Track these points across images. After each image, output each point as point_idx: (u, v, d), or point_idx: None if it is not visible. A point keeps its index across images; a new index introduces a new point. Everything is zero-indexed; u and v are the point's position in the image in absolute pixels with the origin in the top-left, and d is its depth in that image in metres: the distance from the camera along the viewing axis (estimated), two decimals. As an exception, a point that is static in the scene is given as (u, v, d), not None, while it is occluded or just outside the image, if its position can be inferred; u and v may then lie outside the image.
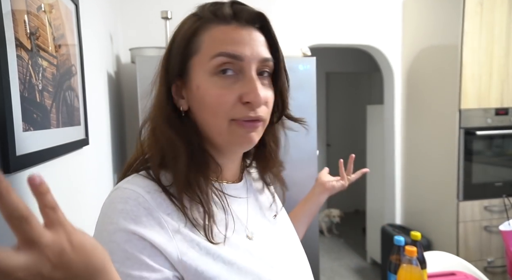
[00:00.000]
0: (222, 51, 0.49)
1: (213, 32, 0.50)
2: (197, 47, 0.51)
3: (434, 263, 1.18)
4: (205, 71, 0.50)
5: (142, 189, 0.48)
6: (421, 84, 2.40)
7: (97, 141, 1.26)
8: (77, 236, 0.31)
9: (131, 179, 0.51)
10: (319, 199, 0.98)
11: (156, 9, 1.92)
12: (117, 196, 0.48)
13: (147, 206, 0.47)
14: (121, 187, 0.49)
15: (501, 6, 1.99)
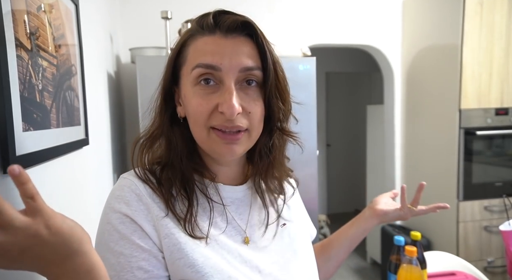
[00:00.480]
0: (199, 62, 0.51)
1: (197, 44, 0.53)
2: (184, 59, 0.54)
3: (434, 263, 1.18)
4: (189, 81, 0.53)
5: (136, 179, 0.55)
6: (421, 84, 2.40)
7: (97, 141, 1.26)
8: (55, 220, 0.35)
9: (131, 171, 0.57)
10: (367, 224, 0.83)
11: (156, 9, 1.92)
12: (117, 185, 0.55)
13: (138, 192, 0.53)
14: (122, 177, 0.56)
15: (501, 6, 1.99)
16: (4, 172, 0.56)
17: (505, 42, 2.01)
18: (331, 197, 4.38)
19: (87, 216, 1.06)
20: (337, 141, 4.44)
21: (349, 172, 4.35)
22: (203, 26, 0.53)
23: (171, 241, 0.50)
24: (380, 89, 2.99)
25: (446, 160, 2.13)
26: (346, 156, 4.40)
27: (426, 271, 1.00)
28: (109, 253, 0.49)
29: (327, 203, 4.34)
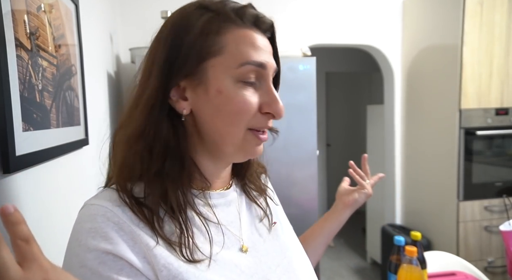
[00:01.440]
0: (252, 59, 0.46)
1: (239, 36, 0.46)
2: (220, 48, 0.46)
3: (434, 263, 1.18)
4: (231, 77, 0.46)
5: (110, 203, 0.44)
6: (421, 84, 2.40)
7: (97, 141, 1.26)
8: (54, 275, 0.29)
9: (99, 194, 0.47)
10: (341, 217, 0.82)
11: (156, 9, 1.92)
12: (84, 214, 0.44)
13: (117, 220, 0.42)
14: (87, 204, 0.45)
15: (501, 6, 1.99)
16: (4, 172, 0.56)
17: (505, 42, 2.01)
18: (331, 197, 4.38)
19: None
20: (337, 141, 4.44)
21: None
22: (243, 17, 0.47)
23: (170, 273, 0.42)
24: (380, 89, 2.99)
25: (446, 160, 2.13)
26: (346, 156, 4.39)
27: (426, 271, 1.00)
28: None
29: (327, 203, 4.34)
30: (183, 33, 0.46)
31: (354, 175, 0.85)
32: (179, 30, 0.46)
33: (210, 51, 0.46)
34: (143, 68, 0.49)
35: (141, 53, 1.80)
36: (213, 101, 0.46)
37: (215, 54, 0.46)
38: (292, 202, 1.76)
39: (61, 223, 0.84)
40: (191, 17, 0.47)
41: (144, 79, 0.48)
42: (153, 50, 0.48)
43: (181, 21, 0.47)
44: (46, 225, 0.75)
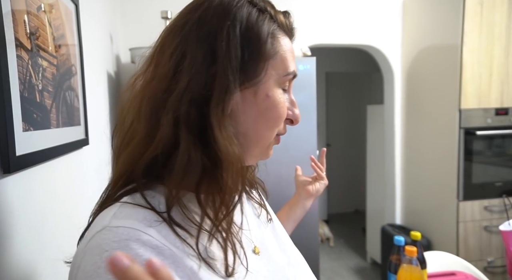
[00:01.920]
0: (292, 69, 0.47)
1: (285, 43, 0.46)
2: (274, 52, 0.44)
3: (434, 263, 1.18)
4: (277, 83, 0.45)
5: (141, 224, 0.37)
6: (421, 84, 2.40)
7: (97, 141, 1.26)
8: None
9: (119, 211, 0.39)
10: (306, 205, 0.89)
11: (156, 9, 1.92)
12: (109, 240, 0.35)
13: (155, 244, 0.36)
14: (109, 227, 0.36)
15: (501, 6, 1.99)
16: (4, 172, 0.56)
17: (505, 42, 2.01)
18: (331, 197, 4.38)
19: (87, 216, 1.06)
20: (337, 141, 4.44)
21: (349, 172, 4.34)
22: (285, 26, 0.47)
23: None
24: (380, 89, 2.99)
25: (446, 160, 2.13)
26: (346, 156, 4.39)
27: (426, 271, 1.00)
28: None
29: (327, 203, 4.34)
30: (251, 29, 0.42)
31: (315, 168, 0.94)
32: (247, 25, 0.42)
33: (266, 53, 0.44)
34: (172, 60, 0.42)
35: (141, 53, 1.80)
36: (260, 105, 0.44)
37: (270, 57, 0.44)
38: (292, 202, 1.76)
39: (61, 223, 0.84)
40: (255, 18, 0.43)
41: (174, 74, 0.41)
42: (204, 45, 0.41)
43: (249, 19, 0.43)
44: (46, 225, 0.75)
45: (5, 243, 0.58)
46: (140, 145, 0.41)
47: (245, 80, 0.42)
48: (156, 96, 0.41)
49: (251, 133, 0.45)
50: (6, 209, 0.58)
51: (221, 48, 0.40)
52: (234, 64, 0.41)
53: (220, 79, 0.40)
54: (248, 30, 0.42)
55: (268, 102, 0.44)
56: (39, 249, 0.71)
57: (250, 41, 0.42)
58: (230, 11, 0.42)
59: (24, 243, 0.65)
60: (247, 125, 0.44)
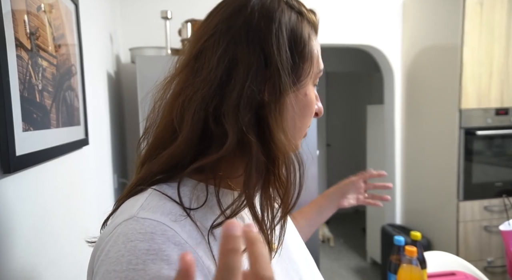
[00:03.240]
0: (322, 67, 0.49)
1: (316, 43, 0.48)
2: (310, 54, 0.46)
3: (434, 263, 1.18)
4: (313, 80, 0.48)
5: (166, 218, 0.37)
6: (421, 84, 2.40)
7: (97, 141, 1.26)
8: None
9: (146, 202, 0.39)
10: (329, 213, 0.85)
11: (156, 9, 1.92)
12: (135, 231, 0.35)
13: (178, 240, 0.36)
14: (137, 217, 0.37)
15: (501, 6, 1.99)
16: (4, 172, 0.56)
17: (505, 42, 2.01)
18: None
19: (87, 216, 1.06)
20: (337, 141, 4.44)
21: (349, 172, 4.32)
22: (315, 25, 0.49)
23: None
24: (380, 89, 2.99)
25: (446, 160, 2.13)
26: (346, 156, 4.39)
27: (426, 271, 1.00)
28: None
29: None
30: (295, 32, 0.44)
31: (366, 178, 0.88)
32: (291, 28, 0.44)
33: (311, 55, 0.46)
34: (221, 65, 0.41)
35: (141, 53, 1.80)
36: (300, 103, 0.46)
37: (312, 59, 0.46)
38: (292, 202, 1.76)
39: (61, 223, 0.84)
40: (296, 21, 0.45)
41: (228, 77, 0.41)
42: (253, 49, 0.41)
43: (292, 23, 0.44)
44: (47, 225, 0.75)
45: (6, 243, 0.58)
46: (184, 146, 0.41)
47: (296, 81, 0.44)
48: (204, 100, 0.41)
49: (291, 129, 0.46)
50: (6, 209, 0.58)
51: (273, 52, 0.41)
52: (287, 67, 0.42)
53: (276, 83, 0.41)
54: (293, 34, 0.44)
55: (306, 100, 0.47)
56: (40, 248, 0.71)
57: (296, 44, 0.44)
58: (274, 15, 0.43)
59: (25, 243, 0.65)
60: (293, 121, 0.46)
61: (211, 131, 0.41)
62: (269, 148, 0.41)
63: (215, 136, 0.41)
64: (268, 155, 0.41)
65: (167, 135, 0.44)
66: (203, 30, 0.44)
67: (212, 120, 0.41)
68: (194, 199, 0.41)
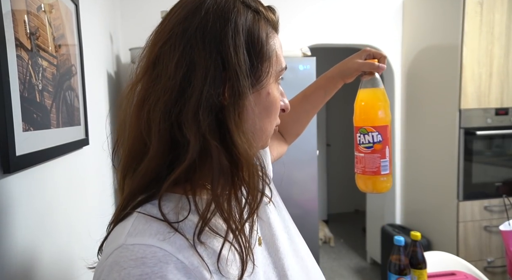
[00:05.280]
0: (285, 64, 0.49)
1: (277, 40, 0.49)
2: (272, 52, 0.46)
3: (434, 263, 1.18)
4: (275, 79, 0.48)
5: (154, 238, 0.38)
6: (421, 84, 2.40)
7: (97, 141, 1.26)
8: None
9: (133, 228, 0.39)
10: (338, 87, 0.89)
11: (156, 9, 1.92)
12: (126, 258, 0.36)
13: (170, 259, 0.37)
14: (125, 245, 0.37)
15: (501, 6, 1.99)
16: (4, 172, 0.56)
17: (505, 42, 2.01)
18: (331, 197, 4.38)
19: (87, 216, 1.06)
20: (337, 141, 4.44)
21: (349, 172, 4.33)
22: (274, 24, 0.49)
23: None
24: (380, 89, 2.99)
25: (446, 160, 2.13)
26: (346, 156, 4.39)
27: (426, 271, 1.00)
28: None
29: (327, 203, 4.34)
30: (252, 32, 0.43)
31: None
32: (248, 28, 0.43)
33: (269, 54, 0.45)
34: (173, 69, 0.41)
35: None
36: (262, 103, 0.46)
37: (270, 58, 0.46)
38: (292, 202, 1.76)
39: (61, 223, 0.84)
40: (253, 21, 0.44)
41: (185, 81, 0.40)
42: (210, 52, 0.41)
43: (248, 23, 0.43)
44: (46, 225, 0.75)
45: (5, 243, 0.58)
46: (157, 158, 0.41)
47: (255, 83, 0.44)
48: (167, 109, 0.40)
49: (257, 129, 0.46)
50: (6, 209, 0.58)
51: (230, 55, 0.40)
52: (244, 69, 0.41)
53: (234, 86, 0.41)
54: (250, 34, 0.43)
55: (269, 99, 0.47)
56: (39, 249, 0.71)
57: (253, 44, 0.43)
58: (229, 15, 0.42)
59: (25, 243, 0.65)
60: (253, 123, 0.45)
61: (177, 140, 0.41)
62: (230, 152, 0.41)
63: (181, 145, 0.41)
64: (230, 159, 0.41)
65: (139, 146, 0.43)
66: (159, 34, 0.43)
67: (177, 128, 0.40)
68: (180, 213, 0.41)
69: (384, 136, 0.69)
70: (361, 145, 0.71)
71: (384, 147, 0.69)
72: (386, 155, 0.69)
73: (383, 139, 0.69)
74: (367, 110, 0.71)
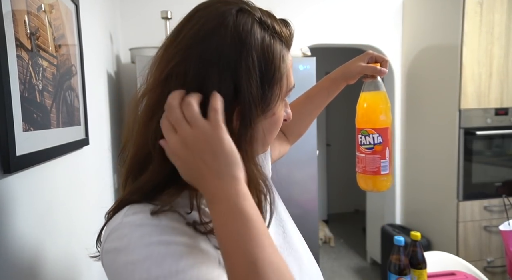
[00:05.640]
0: (293, 83, 0.49)
1: (289, 60, 0.48)
2: (283, 74, 0.45)
3: (434, 263, 1.18)
4: (282, 99, 0.47)
5: (149, 214, 0.40)
6: (421, 84, 2.40)
7: (97, 141, 1.26)
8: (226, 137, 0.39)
9: (128, 211, 0.41)
10: (341, 88, 0.89)
11: (156, 9, 1.92)
12: (125, 229, 0.39)
13: (166, 223, 0.40)
14: (122, 222, 0.40)
15: (501, 6, 1.99)
16: (4, 172, 0.57)
17: (505, 42, 2.01)
18: (331, 197, 4.38)
19: (87, 216, 1.06)
20: (337, 141, 4.44)
21: (349, 172, 4.32)
22: (288, 40, 0.48)
23: None
24: (380, 89, 2.98)
25: (446, 160, 2.13)
26: (346, 156, 4.39)
27: (426, 271, 1.00)
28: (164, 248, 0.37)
29: (327, 203, 4.34)
30: (267, 57, 0.43)
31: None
32: (263, 53, 0.43)
33: (281, 77, 0.45)
34: None
35: (141, 53, 1.81)
36: (267, 122, 0.46)
37: (281, 80, 0.45)
38: (292, 202, 1.76)
39: (61, 222, 0.84)
40: (268, 44, 0.43)
41: None
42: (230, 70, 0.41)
43: (262, 45, 0.43)
44: (46, 225, 0.75)
45: (5, 243, 0.58)
46: (157, 174, 0.43)
47: (265, 109, 0.44)
48: None
49: (259, 143, 0.47)
50: (6, 209, 0.58)
51: (243, 83, 0.41)
52: (256, 98, 0.42)
53: (244, 113, 0.41)
54: (264, 60, 0.43)
55: (274, 118, 0.47)
56: (40, 248, 0.71)
57: (266, 71, 0.43)
58: (245, 39, 0.41)
59: (25, 242, 0.65)
60: (256, 139, 0.45)
61: None
62: None
63: None
64: None
65: (143, 154, 0.44)
66: (174, 47, 0.43)
67: None
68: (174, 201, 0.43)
69: (385, 138, 0.71)
70: (362, 146, 0.73)
71: (384, 149, 0.71)
72: (386, 156, 0.71)
73: (383, 141, 0.71)
74: (369, 112, 0.73)
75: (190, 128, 0.38)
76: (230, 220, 0.36)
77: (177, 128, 0.38)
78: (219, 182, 0.37)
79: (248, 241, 0.35)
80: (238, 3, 0.44)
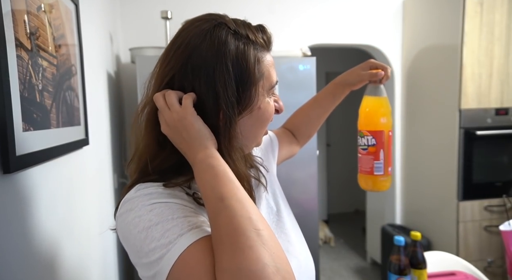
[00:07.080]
0: (276, 80, 0.55)
1: (267, 60, 0.53)
2: (261, 75, 0.52)
3: (434, 263, 1.18)
4: (265, 95, 0.54)
5: (158, 186, 0.49)
6: (421, 84, 2.40)
7: (97, 141, 1.26)
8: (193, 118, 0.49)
9: (138, 187, 0.50)
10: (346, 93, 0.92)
11: (156, 9, 1.92)
12: (137, 200, 0.47)
13: (174, 193, 0.49)
14: (134, 196, 0.48)
15: (501, 6, 1.99)
16: (4, 172, 0.56)
17: (505, 42, 2.01)
18: (331, 197, 4.38)
19: (87, 216, 1.06)
20: (337, 141, 4.44)
21: (349, 172, 4.33)
22: (265, 44, 0.53)
23: None
24: (380, 89, 2.98)
25: (446, 160, 2.13)
26: (346, 156, 4.39)
27: (426, 271, 1.00)
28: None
29: (327, 203, 4.34)
30: (240, 64, 0.49)
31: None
32: (237, 60, 0.49)
33: (258, 79, 0.51)
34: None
35: (141, 53, 1.80)
36: (254, 116, 0.53)
37: (259, 81, 0.52)
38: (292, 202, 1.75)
39: (61, 222, 0.84)
40: (242, 51, 0.50)
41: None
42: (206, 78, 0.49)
43: (236, 54, 0.49)
44: (46, 225, 0.75)
45: (5, 243, 0.58)
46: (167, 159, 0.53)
47: (243, 109, 0.51)
48: None
49: (250, 136, 0.55)
50: (6, 209, 0.58)
51: (220, 90, 0.48)
52: (232, 101, 0.49)
53: (225, 114, 0.49)
54: (239, 65, 0.49)
55: (260, 112, 0.53)
56: (40, 248, 0.71)
57: (241, 75, 0.49)
58: (220, 51, 0.48)
59: (25, 243, 0.65)
60: (246, 133, 0.53)
61: None
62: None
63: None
64: None
65: (151, 150, 0.53)
66: (166, 66, 0.52)
67: None
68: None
69: (379, 140, 0.76)
70: (359, 146, 0.79)
71: (378, 150, 0.76)
72: (380, 158, 0.76)
73: (377, 143, 0.76)
74: (366, 115, 0.79)
75: (170, 112, 0.48)
76: (203, 174, 0.45)
77: (162, 113, 0.50)
78: (194, 150, 0.47)
79: (215, 183, 0.44)
80: (216, 19, 0.51)
